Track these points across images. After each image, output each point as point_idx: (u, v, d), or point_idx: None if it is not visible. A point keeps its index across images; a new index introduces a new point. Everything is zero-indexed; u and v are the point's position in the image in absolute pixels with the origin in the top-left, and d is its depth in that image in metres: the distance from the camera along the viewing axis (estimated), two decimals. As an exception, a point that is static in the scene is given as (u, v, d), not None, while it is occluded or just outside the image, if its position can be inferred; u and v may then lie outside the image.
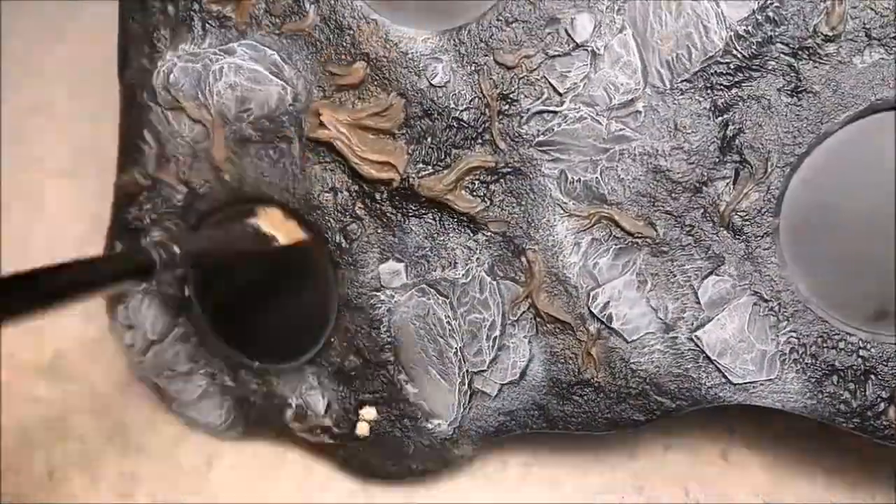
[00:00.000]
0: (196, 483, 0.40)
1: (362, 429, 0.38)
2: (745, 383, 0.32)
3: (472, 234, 0.34)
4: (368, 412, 0.38)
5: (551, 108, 0.32)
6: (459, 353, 0.35)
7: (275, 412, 0.39)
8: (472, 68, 0.33)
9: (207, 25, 0.36)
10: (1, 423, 0.42)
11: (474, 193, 0.34)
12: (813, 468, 0.37)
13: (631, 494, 0.37)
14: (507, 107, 0.33)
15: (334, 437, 0.38)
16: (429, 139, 0.34)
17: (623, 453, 0.38)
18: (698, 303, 0.32)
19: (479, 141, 0.33)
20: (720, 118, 0.31)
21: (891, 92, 0.29)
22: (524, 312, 0.34)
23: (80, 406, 0.43)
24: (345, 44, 0.34)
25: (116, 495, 0.40)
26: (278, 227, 0.36)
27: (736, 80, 0.30)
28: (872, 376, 0.31)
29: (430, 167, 0.34)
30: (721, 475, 0.37)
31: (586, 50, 0.31)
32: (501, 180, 0.34)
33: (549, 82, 0.32)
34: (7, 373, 0.44)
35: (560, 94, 0.32)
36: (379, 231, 0.35)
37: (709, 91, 0.31)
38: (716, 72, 0.30)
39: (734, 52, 0.30)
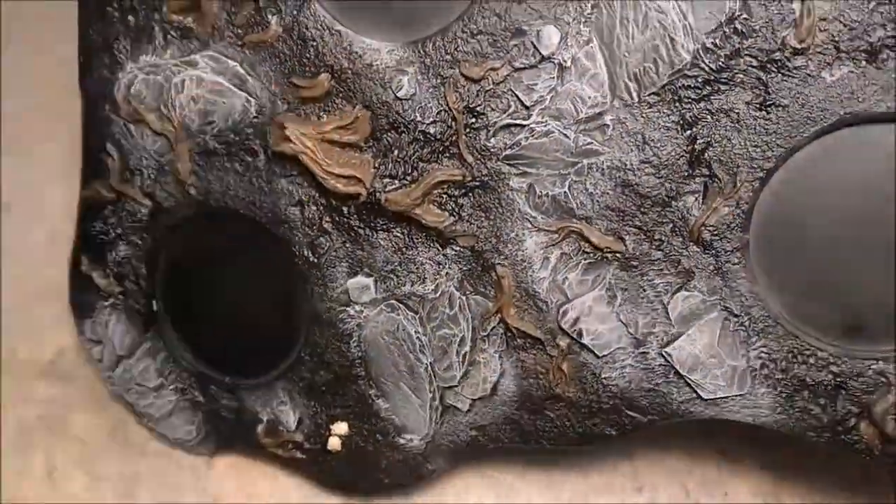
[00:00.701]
0: (196, 483, 0.40)
1: (334, 444, 0.37)
2: (717, 398, 0.32)
3: (440, 249, 0.34)
4: (339, 427, 0.37)
5: (518, 122, 0.31)
6: (430, 369, 0.35)
7: (246, 427, 0.39)
8: (438, 80, 0.32)
9: (169, 36, 0.35)
10: (1, 423, 0.42)
11: (442, 207, 0.33)
12: (813, 468, 0.37)
13: (631, 494, 0.37)
14: (473, 120, 0.32)
15: (305, 452, 0.38)
16: (395, 152, 0.33)
17: (623, 453, 0.38)
18: (668, 318, 0.32)
19: (447, 154, 0.33)
20: (689, 132, 0.30)
21: (859, 106, 0.28)
22: (494, 327, 0.34)
23: (80, 406, 0.42)
24: (308, 55, 0.33)
25: (116, 495, 0.40)
26: None
27: (704, 93, 0.30)
28: (843, 391, 0.30)
29: (396, 181, 0.33)
30: (721, 475, 0.37)
31: (553, 62, 0.31)
32: (469, 194, 0.33)
33: (516, 95, 0.31)
34: (7, 373, 0.43)
35: (527, 108, 0.31)
36: (347, 245, 0.35)
37: (677, 104, 0.30)
38: (684, 85, 0.30)
39: (702, 64, 0.29)
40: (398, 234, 0.34)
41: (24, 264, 0.44)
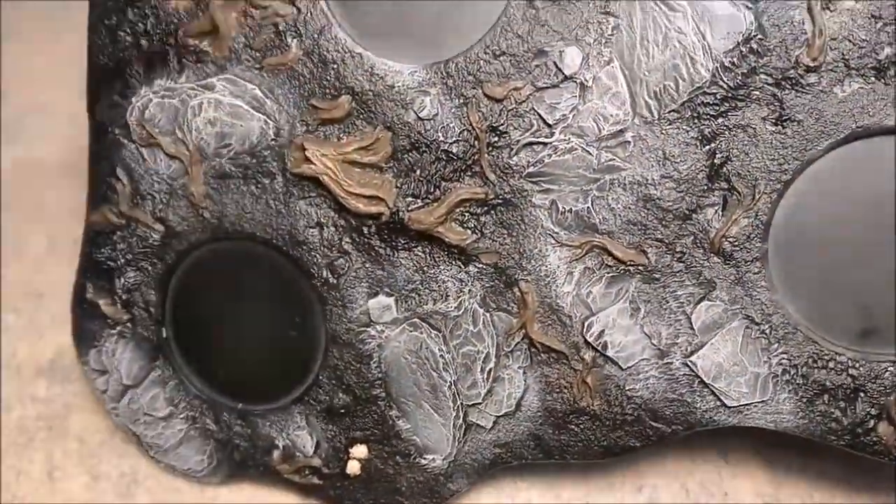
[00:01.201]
0: (196, 483, 0.39)
1: (353, 468, 0.37)
2: (740, 406, 0.32)
3: (463, 266, 0.34)
4: (359, 450, 0.37)
5: (541, 140, 0.32)
6: (454, 387, 0.35)
7: (260, 454, 0.38)
8: (461, 101, 0.33)
9: (184, 60, 0.35)
10: (1, 423, 0.41)
11: (465, 225, 0.34)
12: (813, 468, 0.37)
13: (631, 494, 0.38)
14: (496, 139, 0.33)
15: (323, 477, 0.37)
16: (417, 172, 0.34)
17: None
18: (692, 328, 0.33)
19: (469, 173, 0.33)
20: (707, 147, 0.31)
21: (870, 120, 0.30)
22: (518, 343, 0.34)
23: (80, 406, 0.42)
24: (329, 77, 0.34)
25: (116, 495, 0.39)
26: None
27: (722, 109, 0.31)
28: (862, 394, 0.32)
29: (419, 200, 0.34)
30: (721, 475, 0.38)
31: (575, 82, 0.32)
32: (492, 212, 0.34)
33: (539, 114, 0.32)
34: (7, 373, 0.43)
35: (549, 126, 0.32)
36: (367, 265, 0.35)
37: (696, 121, 0.31)
38: (702, 102, 0.31)
39: (720, 82, 0.31)
40: (420, 253, 0.35)
41: (24, 264, 0.44)
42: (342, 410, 0.36)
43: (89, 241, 0.38)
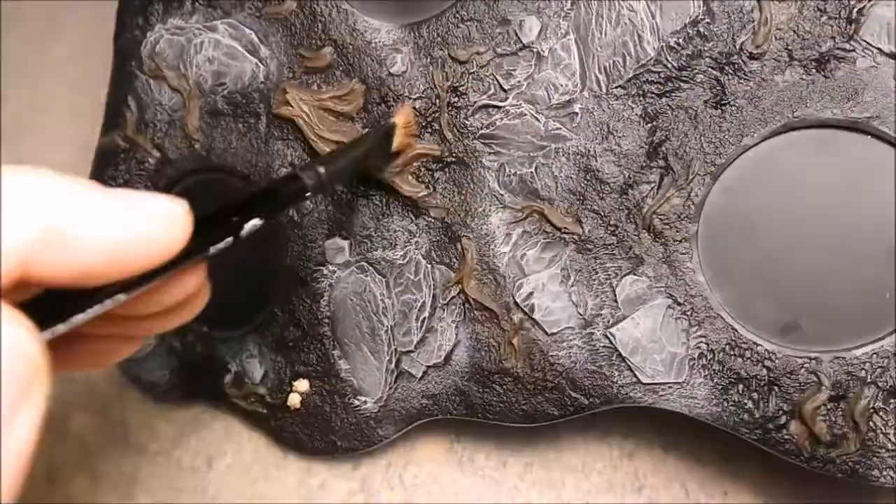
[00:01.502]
0: (196, 483, 0.41)
1: (293, 400, 0.39)
2: (655, 384, 0.33)
3: (413, 219, 0.36)
4: (301, 384, 0.39)
5: (495, 103, 0.34)
6: (390, 332, 0.36)
7: (214, 376, 0.40)
8: (428, 60, 0.35)
9: (197, 3, 0.39)
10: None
11: (419, 179, 0.36)
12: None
13: (631, 494, 0.38)
14: (456, 99, 0.35)
15: (267, 405, 0.40)
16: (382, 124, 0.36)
17: (623, 454, 0.38)
18: (616, 301, 0.33)
19: (429, 130, 0.35)
20: (649, 125, 0.32)
21: (807, 111, 0.30)
22: (454, 298, 0.36)
23: (80, 406, 0.43)
24: (316, 29, 0.36)
25: (116, 495, 0.41)
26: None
27: (666, 89, 0.32)
28: (776, 388, 0.31)
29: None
30: (721, 475, 0.37)
31: (532, 51, 0.33)
32: (445, 169, 0.35)
33: (496, 78, 0.34)
34: None
35: (505, 91, 0.34)
36: (330, 208, 0.37)
37: (641, 98, 0.32)
38: (647, 80, 0.32)
39: (665, 62, 0.31)
40: (377, 202, 0.37)
41: None
42: (291, 343, 0.39)
43: (98, 161, 0.42)
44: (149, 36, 0.39)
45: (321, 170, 0.28)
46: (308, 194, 0.28)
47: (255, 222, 0.25)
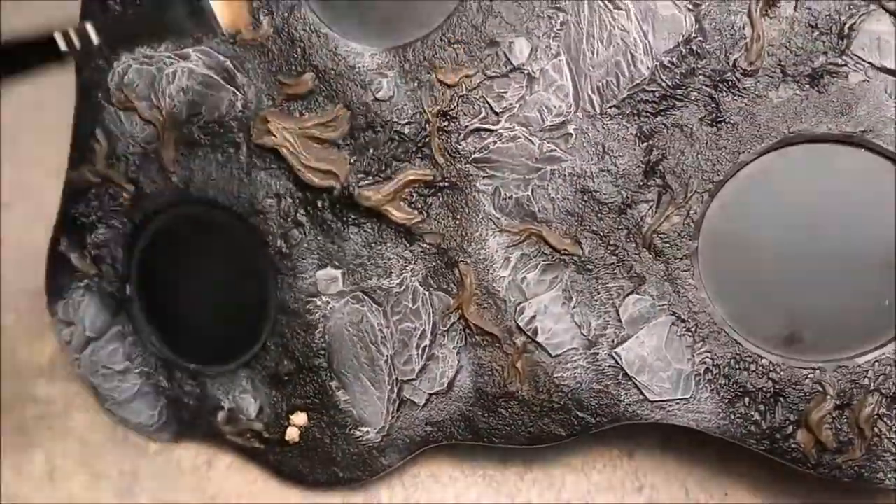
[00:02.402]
0: (196, 483, 0.40)
1: (292, 434, 0.38)
2: (662, 401, 0.33)
3: (408, 245, 0.35)
4: (299, 417, 0.38)
5: (488, 126, 0.33)
6: (390, 361, 0.36)
7: (206, 414, 0.39)
8: (416, 84, 0.34)
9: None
10: (1, 423, 0.42)
11: (412, 205, 0.35)
12: None
13: (631, 494, 0.38)
14: (446, 123, 0.34)
15: (264, 441, 0.39)
16: (371, 150, 0.35)
17: (623, 453, 0.39)
18: (619, 321, 0.33)
19: (419, 155, 0.35)
20: (645, 143, 0.32)
21: (802, 126, 0.30)
22: (454, 323, 0.35)
23: (80, 406, 0.42)
24: (296, 55, 0.35)
25: (116, 495, 0.40)
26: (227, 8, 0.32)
27: (661, 108, 0.32)
28: (782, 398, 0.32)
29: (370, 177, 0.35)
30: (721, 475, 0.38)
31: (523, 72, 0.33)
32: (438, 194, 0.35)
33: (487, 101, 0.33)
34: (7, 373, 0.44)
35: (497, 114, 0.33)
36: (319, 238, 0.36)
37: (636, 117, 0.32)
38: (642, 99, 0.32)
39: (659, 81, 0.31)
40: (369, 230, 0.36)
41: (24, 264, 0.45)
42: (286, 377, 0.38)
43: (67, 197, 0.40)
44: (115, 66, 0.37)
45: (88, 27, 0.25)
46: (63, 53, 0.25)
47: None
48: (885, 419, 0.31)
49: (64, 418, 0.42)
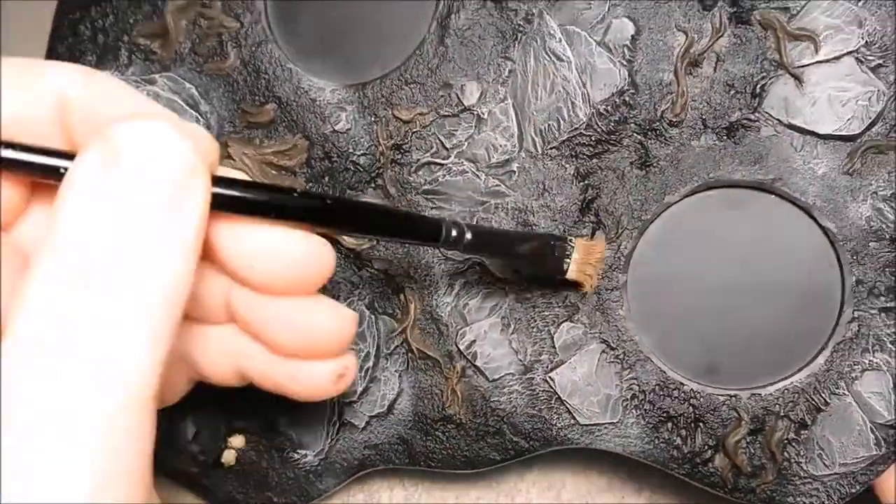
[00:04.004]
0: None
1: (228, 458, 0.38)
2: (591, 425, 0.35)
3: (356, 270, 0.37)
4: (237, 440, 0.38)
5: (438, 161, 0.36)
6: (332, 383, 0.37)
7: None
8: (373, 119, 0.36)
9: (133, 56, 0.39)
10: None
11: (362, 232, 0.37)
12: None
13: (631, 494, 0.38)
14: (399, 156, 0.36)
15: (199, 464, 0.38)
16: (326, 179, 0.37)
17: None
18: (554, 347, 0.35)
19: (372, 185, 0.37)
20: (582, 183, 0.35)
21: (720, 172, 0.34)
22: (397, 347, 0.37)
23: None
24: (260, 86, 0.37)
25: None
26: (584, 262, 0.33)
27: (596, 151, 0.35)
28: (701, 424, 0.34)
29: (324, 204, 0.37)
30: None
31: (473, 113, 0.36)
32: (388, 222, 0.37)
33: (439, 138, 0.36)
34: None
35: (447, 150, 0.36)
36: (269, 261, 0.37)
37: (573, 159, 0.35)
38: (580, 142, 0.35)
39: (595, 127, 0.35)
40: (319, 255, 0.37)
41: None
42: (225, 398, 0.38)
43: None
44: (82, 87, 0.39)
45: (468, 233, 0.29)
46: (441, 240, 0.28)
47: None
48: (793, 444, 0.33)
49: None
